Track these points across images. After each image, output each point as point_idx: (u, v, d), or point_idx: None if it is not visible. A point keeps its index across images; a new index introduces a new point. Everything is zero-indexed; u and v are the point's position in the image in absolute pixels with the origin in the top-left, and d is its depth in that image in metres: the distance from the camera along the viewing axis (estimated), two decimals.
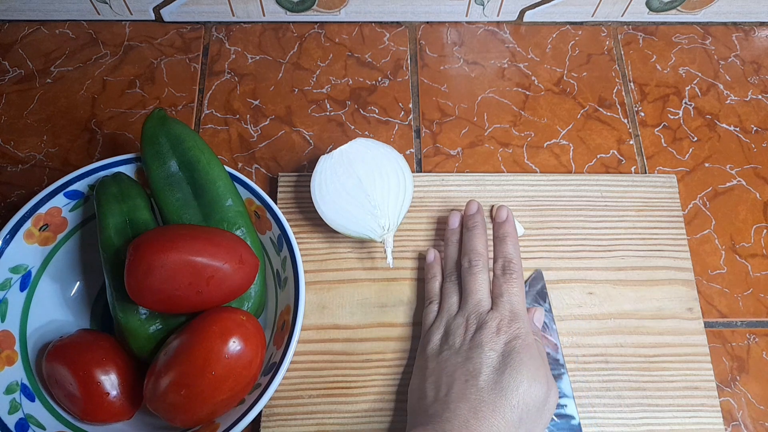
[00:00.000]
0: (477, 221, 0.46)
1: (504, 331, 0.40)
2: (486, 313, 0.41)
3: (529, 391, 0.38)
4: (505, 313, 0.41)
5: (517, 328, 0.40)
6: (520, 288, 0.43)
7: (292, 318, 0.41)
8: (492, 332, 0.40)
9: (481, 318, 0.41)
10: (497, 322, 0.41)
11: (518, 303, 0.42)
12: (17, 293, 0.42)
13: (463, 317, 0.42)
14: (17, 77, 0.56)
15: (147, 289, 0.37)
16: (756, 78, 0.58)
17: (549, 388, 0.39)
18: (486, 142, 0.54)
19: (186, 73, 0.57)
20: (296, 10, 0.58)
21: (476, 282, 0.43)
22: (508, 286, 0.43)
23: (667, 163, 0.54)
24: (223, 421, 0.39)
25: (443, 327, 0.43)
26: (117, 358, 0.41)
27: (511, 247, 0.45)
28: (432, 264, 0.47)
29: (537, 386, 0.38)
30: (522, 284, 0.43)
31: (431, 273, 0.47)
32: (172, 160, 0.43)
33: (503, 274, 0.43)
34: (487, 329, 0.40)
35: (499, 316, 0.41)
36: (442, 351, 0.41)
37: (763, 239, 0.51)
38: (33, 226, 0.43)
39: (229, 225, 0.43)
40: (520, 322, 0.41)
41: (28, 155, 0.53)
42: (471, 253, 0.44)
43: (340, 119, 0.55)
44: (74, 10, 0.58)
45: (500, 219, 0.46)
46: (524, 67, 0.58)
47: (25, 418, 0.39)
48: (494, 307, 0.42)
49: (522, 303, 0.42)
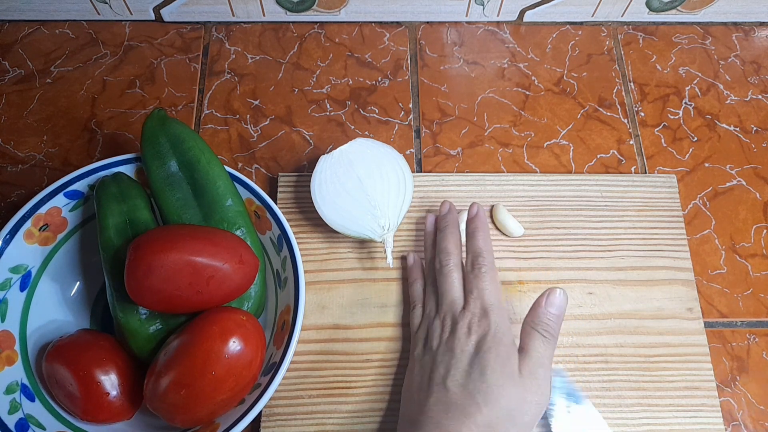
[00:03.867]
0: (448, 221, 0.46)
1: (474, 330, 0.40)
2: (459, 313, 0.41)
3: (498, 393, 0.36)
4: (475, 311, 0.41)
5: (487, 325, 0.39)
6: (491, 281, 0.42)
7: (292, 318, 0.41)
8: (464, 332, 0.40)
9: (454, 318, 0.41)
10: (468, 321, 0.40)
11: (490, 297, 0.41)
12: (17, 293, 0.42)
13: (439, 319, 0.42)
14: (17, 77, 0.56)
15: (147, 289, 0.37)
16: (756, 78, 0.58)
17: (525, 389, 0.37)
18: (486, 142, 0.54)
19: (186, 73, 0.57)
20: (296, 10, 0.58)
21: (447, 282, 0.43)
22: (478, 281, 0.42)
23: (667, 163, 0.54)
24: (223, 421, 0.39)
25: (425, 330, 0.43)
26: (117, 358, 0.41)
27: (481, 241, 0.44)
28: (412, 268, 0.47)
29: (507, 388, 0.37)
30: (494, 276, 0.42)
31: (412, 277, 0.46)
32: (172, 160, 0.43)
33: (473, 269, 0.43)
34: (459, 330, 0.40)
35: (470, 314, 0.40)
36: (424, 354, 0.41)
37: (763, 239, 0.51)
38: (33, 226, 0.43)
39: (229, 225, 0.43)
40: (491, 317, 0.40)
41: (28, 155, 0.53)
42: (441, 254, 0.44)
43: (340, 119, 0.55)
44: (74, 10, 0.58)
45: (470, 215, 0.46)
46: (524, 67, 0.58)
47: (25, 418, 0.39)
48: (465, 306, 0.41)
49: (494, 295, 0.41)
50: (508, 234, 0.49)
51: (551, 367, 0.39)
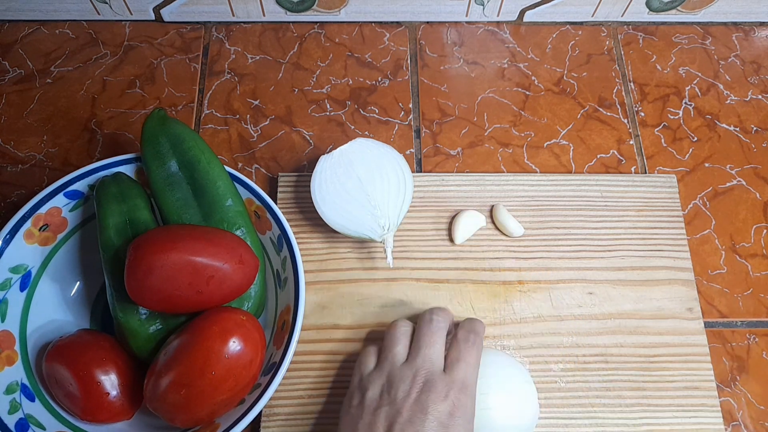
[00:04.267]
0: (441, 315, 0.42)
1: (451, 399, 0.37)
2: (437, 374, 0.38)
3: None
4: (456, 381, 0.38)
5: (464, 402, 0.37)
6: (477, 362, 0.40)
7: (292, 318, 0.41)
8: (440, 397, 0.37)
9: (430, 376, 0.38)
10: (447, 387, 0.37)
11: (471, 376, 0.39)
12: (17, 293, 0.42)
13: (411, 370, 0.39)
14: (17, 77, 0.56)
15: (147, 289, 0.37)
16: (756, 78, 0.58)
17: None
18: (486, 142, 0.54)
19: (186, 73, 0.57)
20: (296, 10, 0.58)
21: (433, 336, 0.40)
22: (467, 354, 0.39)
23: (667, 163, 0.54)
24: (223, 421, 0.39)
25: (385, 376, 0.39)
26: (117, 358, 0.41)
27: (480, 326, 0.42)
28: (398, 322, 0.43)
29: None
30: (479, 361, 0.40)
31: (400, 321, 0.43)
32: (172, 160, 0.43)
33: (466, 340, 0.40)
34: (436, 392, 0.37)
35: (450, 381, 0.38)
36: (381, 404, 0.37)
37: (763, 239, 0.51)
38: (33, 226, 0.43)
39: (229, 225, 0.43)
40: (468, 397, 0.38)
41: (28, 155, 0.53)
42: (437, 310, 0.42)
43: (340, 119, 0.55)
44: (74, 10, 0.58)
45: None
46: (524, 67, 0.58)
47: (25, 418, 0.39)
48: (447, 371, 0.39)
49: (474, 378, 0.39)
50: (508, 234, 0.49)
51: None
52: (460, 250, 0.49)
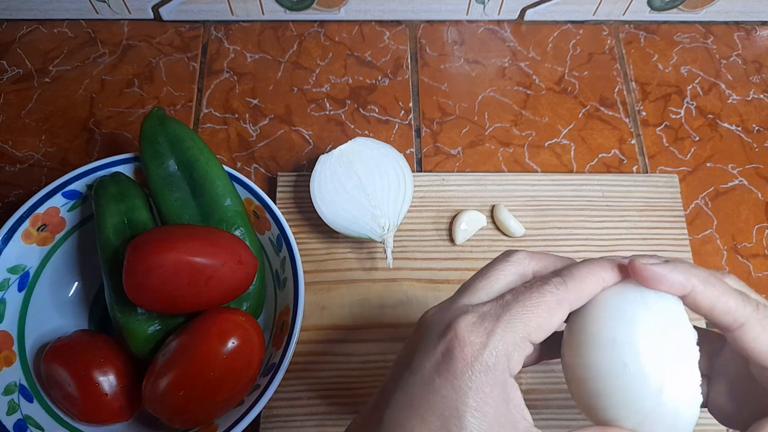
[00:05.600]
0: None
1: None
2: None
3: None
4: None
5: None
6: (531, 327, 0.29)
7: (292, 318, 0.41)
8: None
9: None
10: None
11: (497, 349, 0.29)
12: (15, 294, 0.42)
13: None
14: (15, 77, 0.56)
15: (146, 289, 0.37)
16: (758, 77, 0.57)
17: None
18: (487, 141, 0.54)
19: (185, 72, 0.56)
20: (296, 9, 0.58)
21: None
22: (515, 308, 0.32)
23: (669, 163, 0.54)
24: (222, 422, 0.38)
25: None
26: (116, 359, 0.41)
27: (588, 269, 0.31)
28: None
29: None
30: (545, 325, 0.30)
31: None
32: (170, 159, 0.43)
33: (530, 288, 0.31)
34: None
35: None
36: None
37: (765, 239, 0.51)
38: (31, 226, 0.43)
39: (228, 225, 0.42)
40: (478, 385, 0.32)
41: (27, 155, 0.53)
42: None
43: (339, 119, 0.55)
44: (73, 9, 0.57)
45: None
46: (525, 66, 0.58)
47: (23, 419, 0.39)
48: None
49: (502, 353, 0.30)
50: (509, 234, 0.49)
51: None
52: (461, 251, 0.49)
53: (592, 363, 0.26)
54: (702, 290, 0.26)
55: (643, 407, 0.25)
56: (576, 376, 0.26)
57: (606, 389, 0.25)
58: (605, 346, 0.25)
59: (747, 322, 0.26)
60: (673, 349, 0.25)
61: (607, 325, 0.26)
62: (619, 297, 0.26)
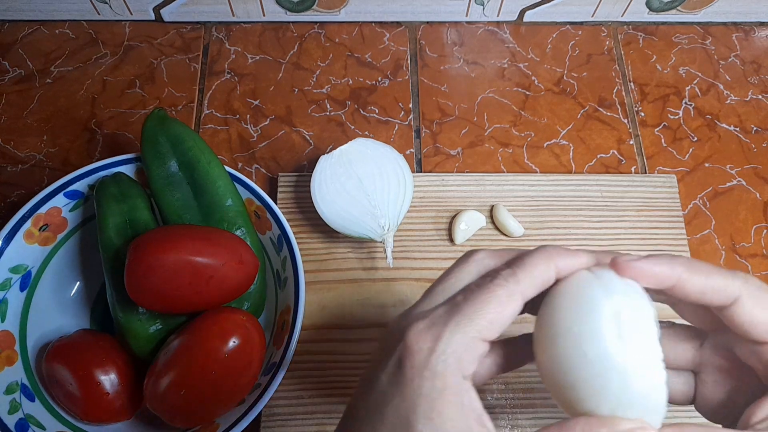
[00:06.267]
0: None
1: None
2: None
3: None
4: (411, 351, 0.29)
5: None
6: (480, 325, 0.29)
7: (292, 318, 0.41)
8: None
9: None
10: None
11: (444, 352, 0.28)
12: (17, 293, 0.42)
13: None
14: (17, 77, 0.56)
15: (147, 289, 0.37)
16: (756, 78, 0.58)
17: None
18: (486, 142, 0.54)
19: (186, 73, 0.57)
20: (296, 10, 0.58)
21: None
22: (465, 306, 0.31)
23: (667, 163, 0.54)
24: (223, 421, 0.39)
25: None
26: (117, 358, 0.41)
27: (536, 257, 0.31)
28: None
29: None
30: (496, 320, 0.29)
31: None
32: (172, 160, 0.43)
33: (479, 285, 0.30)
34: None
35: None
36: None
37: (763, 239, 0.51)
38: (33, 226, 0.43)
39: (229, 225, 0.43)
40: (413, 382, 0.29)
41: (28, 155, 0.53)
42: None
43: (340, 119, 0.55)
44: (74, 10, 0.58)
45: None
46: (524, 67, 0.58)
47: (25, 419, 0.39)
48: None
49: (448, 357, 0.29)
50: (508, 234, 0.49)
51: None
52: (461, 250, 0.49)
53: (556, 356, 0.25)
54: (689, 277, 0.25)
55: (610, 393, 0.24)
56: (546, 372, 0.26)
57: (573, 381, 0.25)
58: (565, 336, 0.25)
59: (740, 296, 0.25)
60: (631, 330, 0.24)
61: (565, 315, 0.25)
62: (577, 286, 0.26)
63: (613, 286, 0.25)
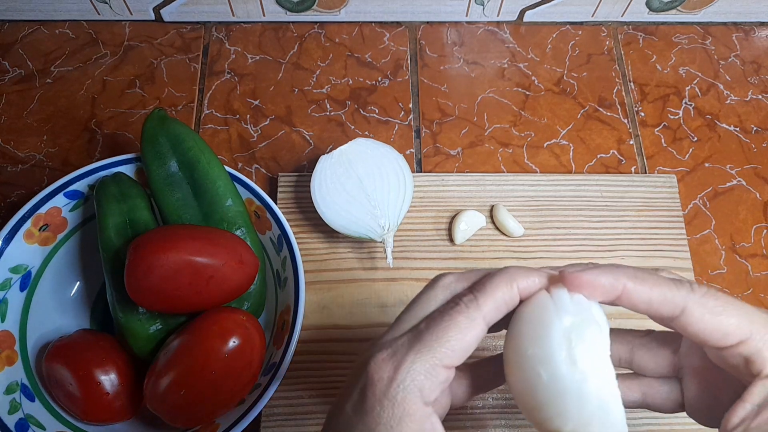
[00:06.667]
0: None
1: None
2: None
3: None
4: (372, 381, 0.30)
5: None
6: (444, 354, 0.29)
7: (292, 318, 0.41)
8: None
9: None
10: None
11: (404, 381, 0.29)
12: (17, 293, 0.42)
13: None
14: (17, 77, 0.56)
15: (147, 289, 0.37)
16: (756, 78, 0.58)
17: None
18: (486, 142, 0.54)
19: (186, 73, 0.57)
20: (296, 10, 0.58)
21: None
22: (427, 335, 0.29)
23: (667, 163, 0.54)
24: (223, 421, 0.39)
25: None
26: (117, 358, 0.41)
27: (497, 280, 0.31)
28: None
29: None
30: (460, 347, 0.30)
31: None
32: (172, 160, 0.43)
33: (446, 308, 0.31)
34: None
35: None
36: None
37: (763, 239, 0.51)
38: (33, 226, 0.43)
39: (229, 225, 0.43)
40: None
41: (28, 155, 0.53)
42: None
43: (340, 119, 0.55)
44: (74, 10, 0.58)
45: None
46: (524, 67, 0.58)
47: (25, 418, 0.39)
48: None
49: (411, 386, 0.29)
50: (508, 234, 0.49)
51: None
52: (460, 250, 0.49)
53: (520, 379, 0.26)
54: (633, 287, 0.25)
55: (570, 411, 0.25)
56: (515, 393, 0.27)
57: (537, 403, 0.25)
58: (523, 359, 0.25)
59: (687, 306, 0.25)
60: (582, 350, 0.25)
61: (524, 339, 0.26)
62: (534, 308, 0.26)
63: (565, 307, 0.25)
